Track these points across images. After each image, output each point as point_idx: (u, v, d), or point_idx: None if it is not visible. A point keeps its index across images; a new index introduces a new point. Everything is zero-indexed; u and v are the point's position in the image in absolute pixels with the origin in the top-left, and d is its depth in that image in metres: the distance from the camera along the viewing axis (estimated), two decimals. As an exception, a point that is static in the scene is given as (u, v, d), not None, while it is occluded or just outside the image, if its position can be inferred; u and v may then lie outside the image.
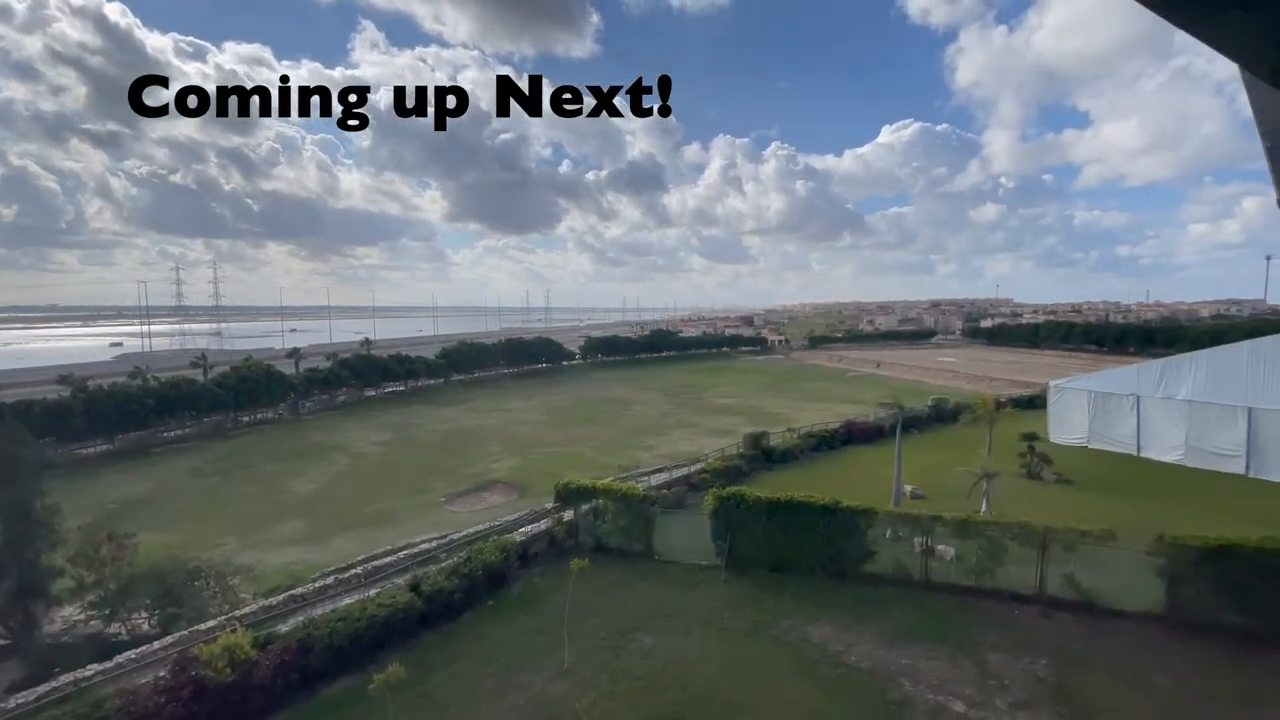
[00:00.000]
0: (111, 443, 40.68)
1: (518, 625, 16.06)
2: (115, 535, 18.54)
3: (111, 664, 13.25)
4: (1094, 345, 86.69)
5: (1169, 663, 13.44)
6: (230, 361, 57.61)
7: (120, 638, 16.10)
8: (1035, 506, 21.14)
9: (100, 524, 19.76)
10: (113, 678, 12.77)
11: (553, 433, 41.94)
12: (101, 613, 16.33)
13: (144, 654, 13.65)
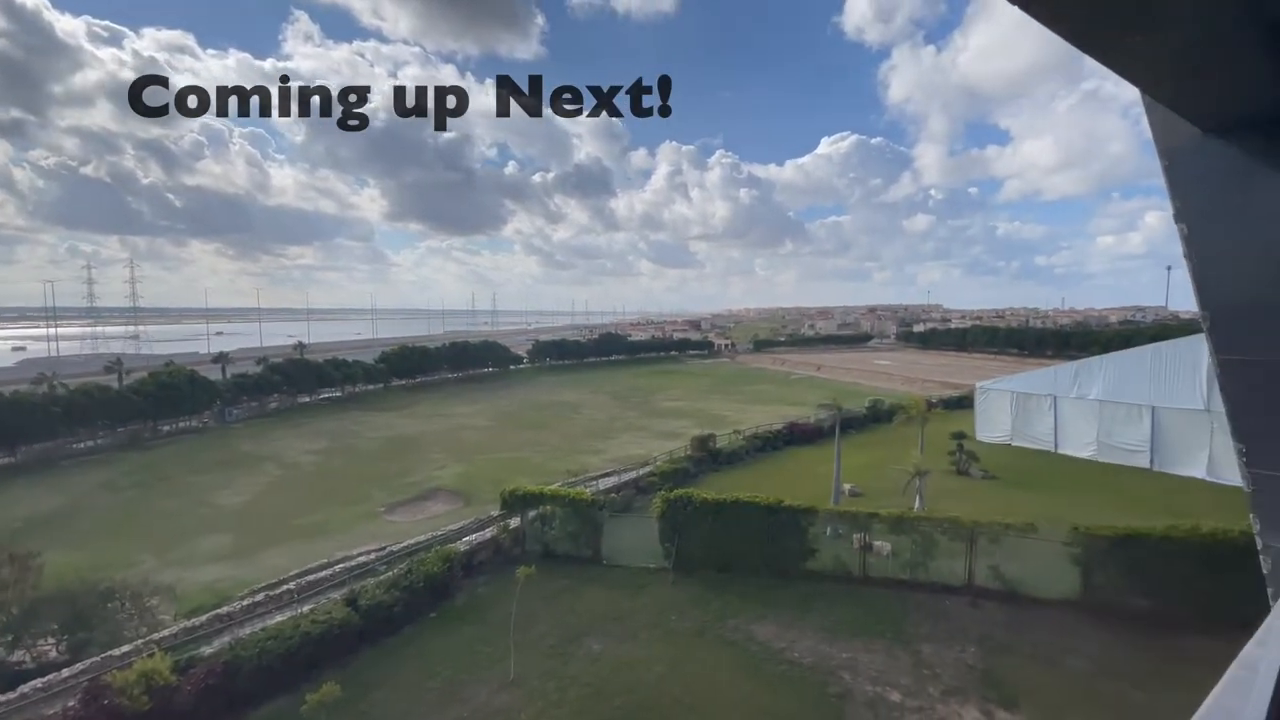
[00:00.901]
0: (13, 455, 37.31)
1: (462, 637, 15.68)
2: (17, 556, 17.01)
3: (15, 695, 12.15)
4: (1016, 349, 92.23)
5: (1084, 646, 14.41)
6: (149, 367, 53.86)
7: (25, 666, 14.77)
8: (964, 501, 22.29)
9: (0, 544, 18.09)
10: (16, 709, 11.70)
11: (499, 438, 41.22)
12: (3, 639, 14.93)
13: (51, 683, 12.58)
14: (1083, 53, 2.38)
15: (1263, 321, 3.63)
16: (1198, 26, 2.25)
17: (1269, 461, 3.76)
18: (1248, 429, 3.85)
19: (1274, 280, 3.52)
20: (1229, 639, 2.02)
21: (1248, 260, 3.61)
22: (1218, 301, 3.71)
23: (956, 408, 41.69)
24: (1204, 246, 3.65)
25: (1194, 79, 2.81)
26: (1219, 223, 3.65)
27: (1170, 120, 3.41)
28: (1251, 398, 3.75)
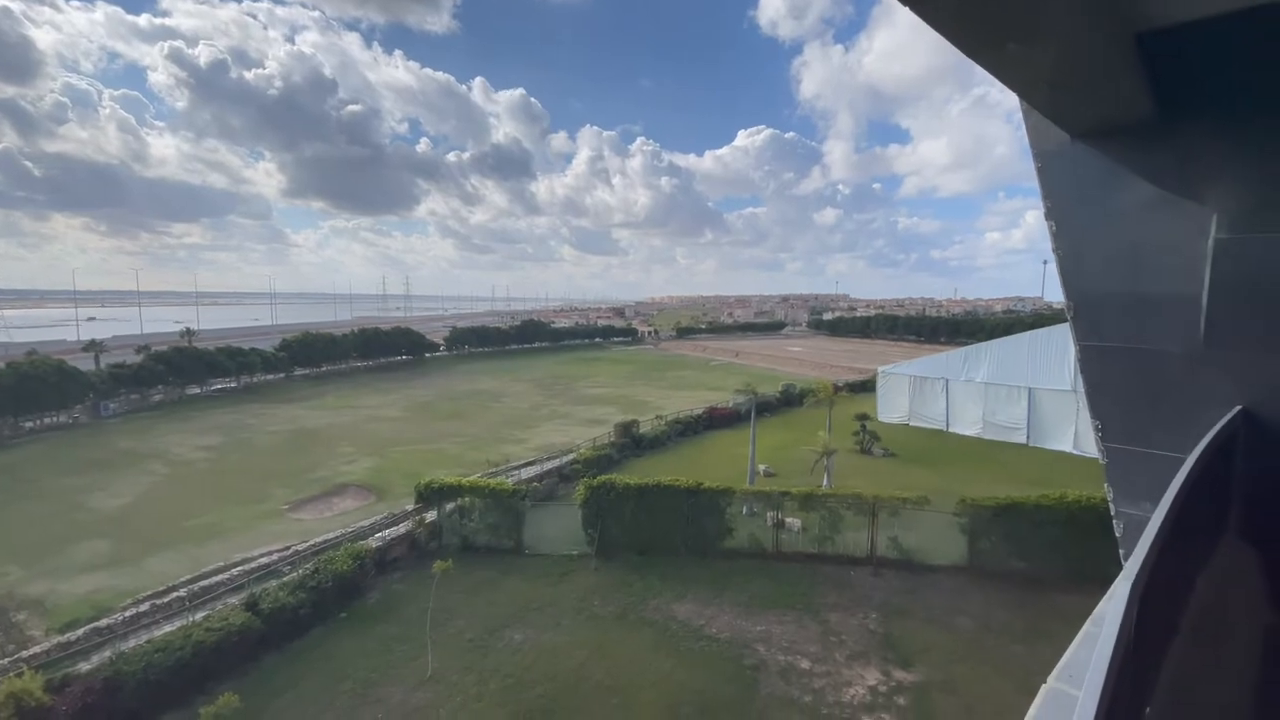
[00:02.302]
0: None
1: (375, 636, 15.09)
2: None
3: None
4: (915, 335, 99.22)
5: (971, 607, 15.87)
6: (7, 356, 47.42)
7: None
8: (867, 478, 23.83)
9: None
10: None
11: (414, 429, 39.63)
12: None
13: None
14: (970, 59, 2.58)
15: (1118, 312, 4.11)
16: (1069, 39, 2.49)
17: (1120, 437, 4.27)
18: (1103, 408, 4.35)
19: (1129, 275, 3.98)
20: (1089, 594, 2.30)
21: (1107, 256, 4.06)
22: (1080, 292, 4.16)
23: (861, 391, 44.39)
24: (1070, 242, 4.07)
25: (1065, 88, 3.11)
26: (1083, 221, 4.08)
27: (1043, 126, 3.77)
28: (1106, 380, 4.24)
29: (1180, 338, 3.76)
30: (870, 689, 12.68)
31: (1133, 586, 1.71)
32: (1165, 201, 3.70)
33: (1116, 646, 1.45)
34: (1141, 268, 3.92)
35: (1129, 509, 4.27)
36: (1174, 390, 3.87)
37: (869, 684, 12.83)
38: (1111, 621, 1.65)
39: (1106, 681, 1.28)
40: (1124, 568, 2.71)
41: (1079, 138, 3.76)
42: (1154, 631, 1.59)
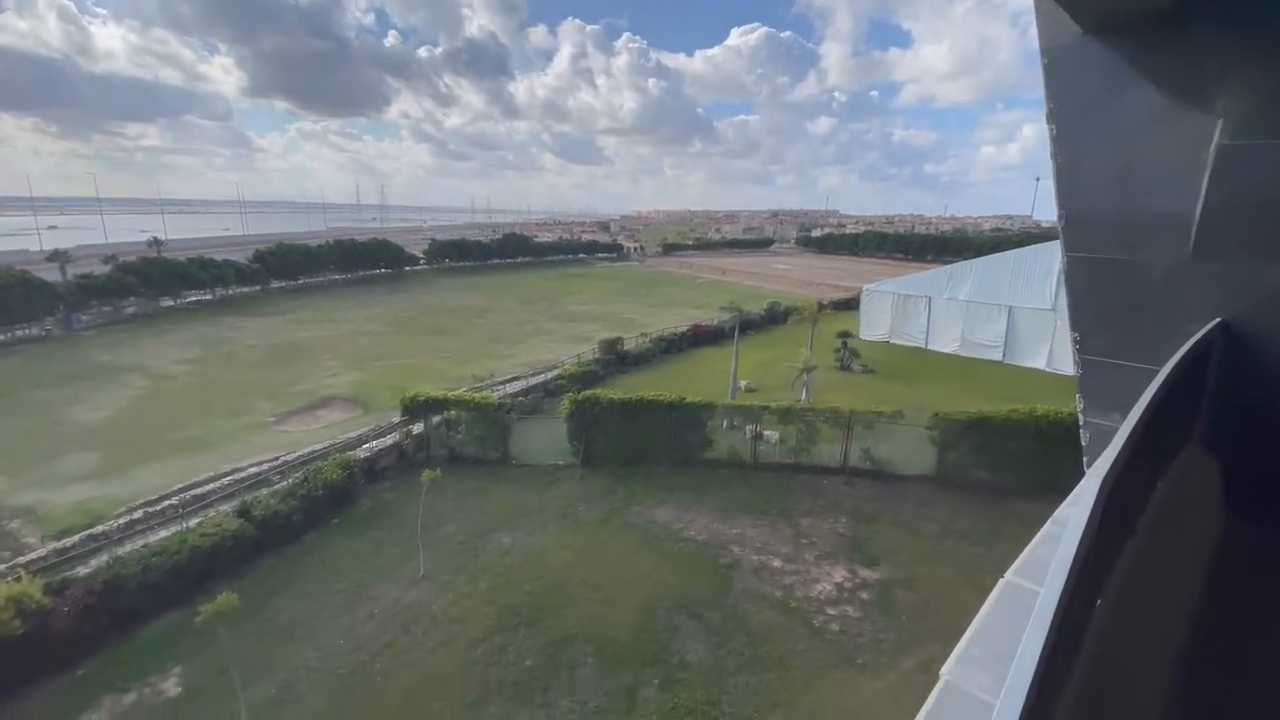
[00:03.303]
0: None
1: (368, 540, 15.67)
2: None
3: None
4: (902, 253, 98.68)
5: (936, 513, 16.79)
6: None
7: None
8: (845, 393, 24.40)
9: None
10: None
11: (397, 344, 39.40)
12: None
13: (-115, 621, 11.31)
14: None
15: (1110, 222, 4.02)
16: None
17: (1096, 349, 4.31)
18: (1083, 320, 4.37)
19: (1125, 184, 3.87)
20: (1050, 503, 2.36)
21: (1105, 163, 3.93)
22: (1075, 201, 4.05)
23: (845, 309, 44.63)
24: (1069, 148, 3.91)
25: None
26: (1086, 125, 3.91)
27: (1056, 16, 3.51)
28: (1090, 292, 4.22)
29: (1168, 250, 3.71)
30: (837, 585, 13.58)
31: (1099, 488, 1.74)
32: (1170, 106, 3.54)
33: (1081, 544, 1.48)
34: (1138, 177, 3.81)
35: (1098, 419, 4.39)
36: (1156, 303, 3.87)
37: (836, 581, 13.74)
38: (1076, 520, 1.69)
39: (1070, 574, 1.31)
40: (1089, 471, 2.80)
41: (1091, 32, 3.52)
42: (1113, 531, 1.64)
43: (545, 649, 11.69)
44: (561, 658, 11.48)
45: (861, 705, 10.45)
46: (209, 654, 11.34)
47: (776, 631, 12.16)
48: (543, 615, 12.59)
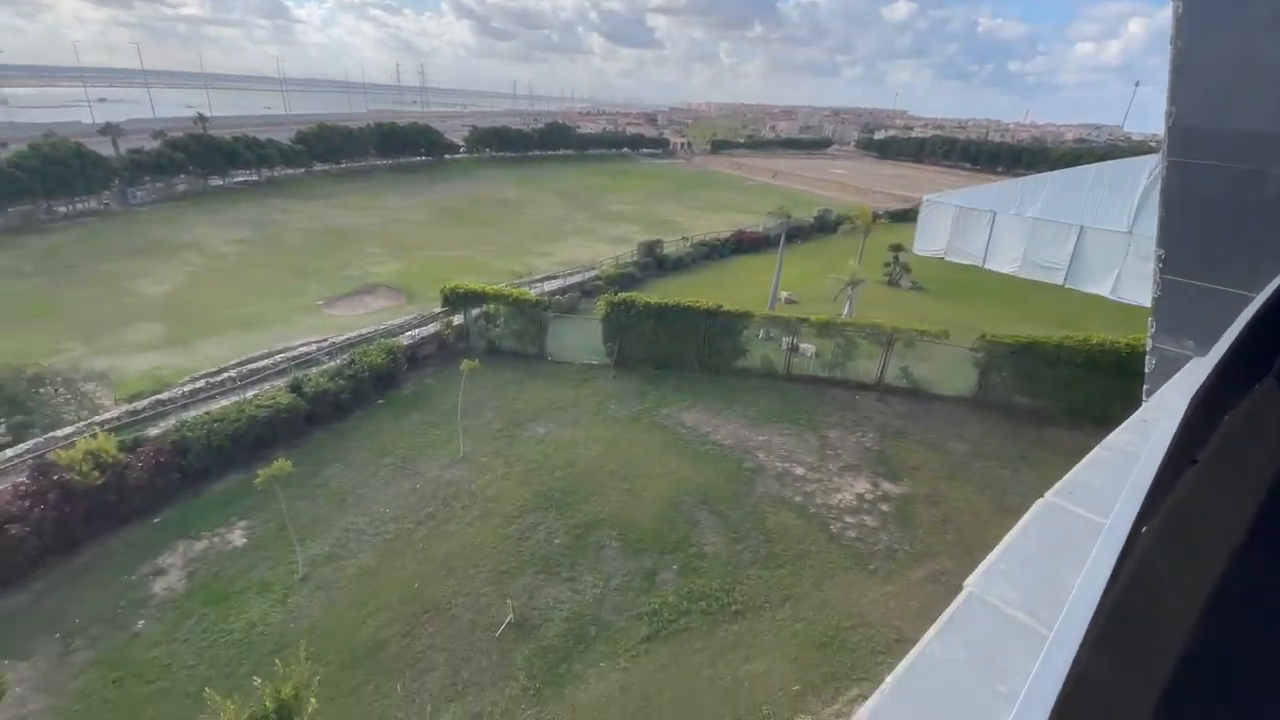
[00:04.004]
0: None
1: (411, 421, 16.52)
2: (-84, 342, 16.03)
3: (-45, 474, 12.29)
4: (970, 163, 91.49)
5: (967, 433, 16.65)
6: (25, 138, 46.49)
7: (-39, 449, 14.75)
8: (890, 310, 23.66)
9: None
10: (-42, 486, 11.91)
11: (439, 235, 39.46)
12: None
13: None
14: None
15: (1226, 127, 3.52)
16: None
17: (1183, 269, 3.92)
18: (1173, 236, 3.94)
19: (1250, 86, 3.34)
20: (1087, 432, 2.20)
21: (1231, 58, 3.37)
22: (1189, 96, 3.52)
23: (901, 220, 42.30)
24: (1194, 33, 3.35)
25: None
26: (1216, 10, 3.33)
27: None
28: (1188, 204, 3.78)
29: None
30: (858, 496, 13.86)
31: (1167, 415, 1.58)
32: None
33: (1142, 470, 1.36)
34: (1267, 77, 3.26)
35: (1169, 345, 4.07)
36: (1262, 218, 3.44)
37: (857, 491, 14.00)
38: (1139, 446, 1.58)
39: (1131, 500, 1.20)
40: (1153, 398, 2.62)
41: None
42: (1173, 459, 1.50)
43: (573, 530, 12.45)
44: (588, 539, 12.23)
45: (869, 605, 10.95)
46: (269, 512, 12.47)
47: (793, 533, 12.62)
48: (572, 500, 13.31)
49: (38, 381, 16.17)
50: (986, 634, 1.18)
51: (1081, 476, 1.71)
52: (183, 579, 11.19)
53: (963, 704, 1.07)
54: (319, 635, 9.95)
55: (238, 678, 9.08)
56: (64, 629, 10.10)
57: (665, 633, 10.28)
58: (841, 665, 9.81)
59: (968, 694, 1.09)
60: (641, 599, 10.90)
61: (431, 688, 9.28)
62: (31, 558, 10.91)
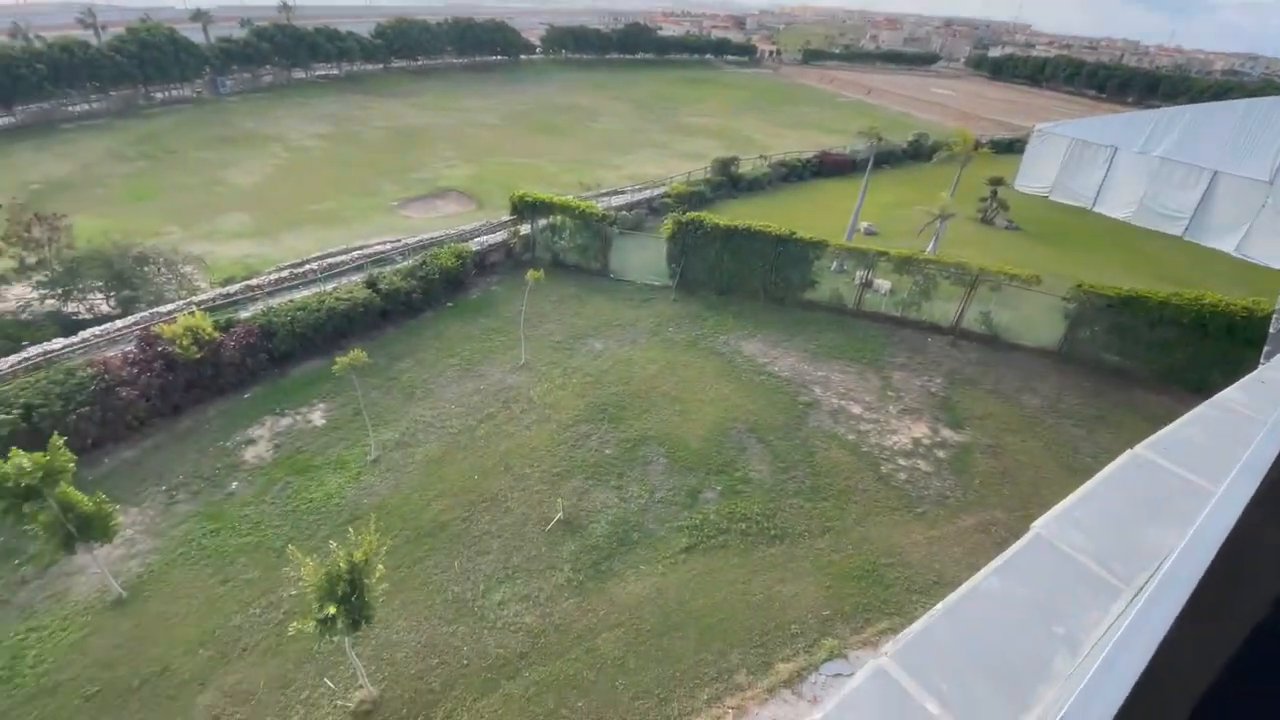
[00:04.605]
0: (11, 114, 35.90)
1: (477, 326, 17.08)
2: (44, 216, 17.55)
3: (77, 339, 13.73)
4: (1096, 90, 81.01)
5: (1043, 388, 15.74)
6: (123, 21, 48.04)
7: (81, 317, 16.41)
8: (979, 249, 22.04)
9: (25, 204, 18.50)
10: (80, 351, 13.35)
11: (511, 141, 39.02)
12: (53, 292, 16.31)
13: (108, 330, 14.11)
14: None
15: None
16: None
17: None
18: None
19: None
20: (1176, 398, 1.97)
21: None
22: None
23: (1006, 152, 38.43)
24: None
25: None
26: None
27: None
28: None
29: None
30: (914, 440, 13.54)
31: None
32: None
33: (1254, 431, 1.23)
34: None
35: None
36: None
37: (914, 435, 13.67)
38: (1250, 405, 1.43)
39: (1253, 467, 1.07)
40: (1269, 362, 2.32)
41: None
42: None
43: (623, 443, 12.84)
44: (637, 453, 12.61)
45: (910, 546, 10.95)
46: (345, 398, 13.43)
47: (842, 469, 12.57)
48: (625, 415, 13.64)
49: (142, 260, 17.53)
50: (1049, 576, 1.18)
51: (1183, 433, 1.57)
52: (270, 449, 12.37)
53: (1014, 637, 1.07)
54: (387, 511, 10.89)
55: (316, 540, 10.15)
56: (168, 483, 11.46)
57: (704, 547, 10.68)
58: (875, 598, 9.97)
59: (1021, 629, 1.08)
60: (683, 513, 11.28)
61: (485, 568, 10.10)
62: (140, 419, 12.27)
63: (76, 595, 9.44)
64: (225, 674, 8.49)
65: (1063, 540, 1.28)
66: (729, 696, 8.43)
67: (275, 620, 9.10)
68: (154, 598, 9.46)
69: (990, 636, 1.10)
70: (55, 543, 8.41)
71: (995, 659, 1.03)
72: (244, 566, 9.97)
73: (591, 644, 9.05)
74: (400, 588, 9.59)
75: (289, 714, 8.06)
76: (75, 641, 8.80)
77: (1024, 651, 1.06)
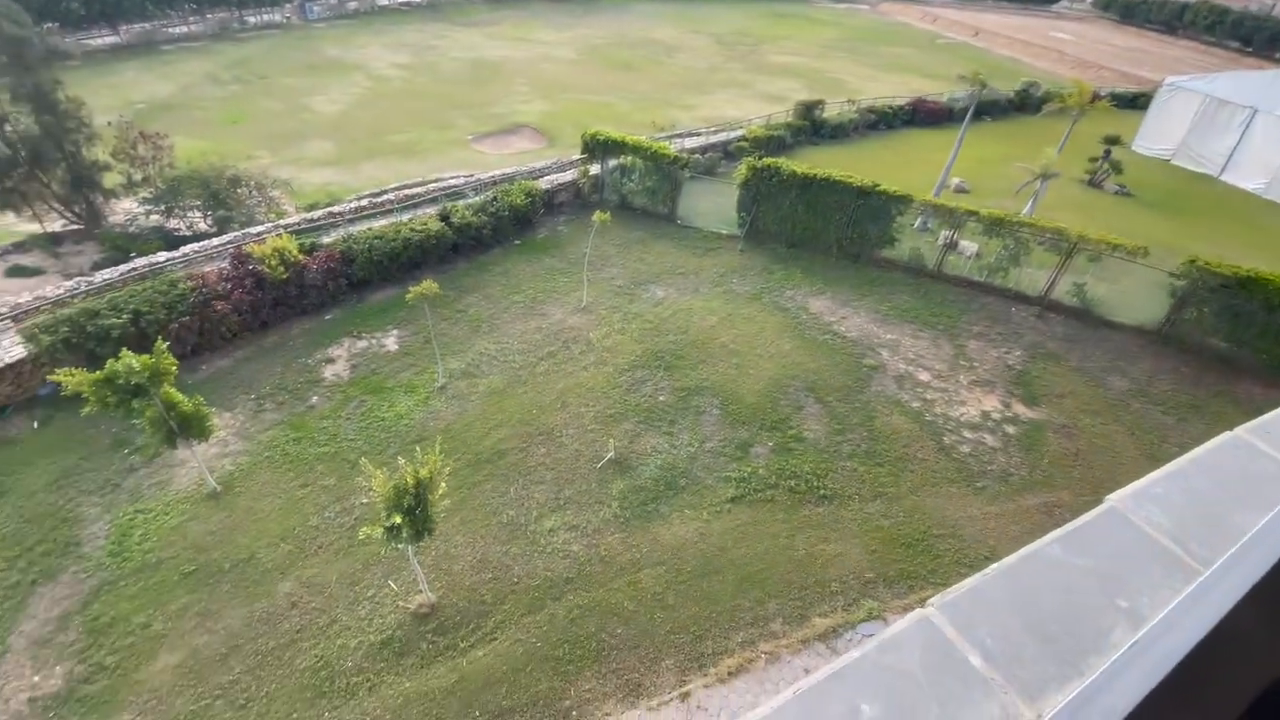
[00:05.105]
0: (116, 34, 37.91)
1: (542, 265, 17.27)
2: (148, 135, 18.68)
3: (179, 254, 14.79)
4: (1240, 42, 70.80)
5: (1134, 370, 14.59)
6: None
7: (180, 232, 17.63)
8: (1081, 214, 20.20)
9: (131, 123, 19.74)
10: (181, 265, 14.39)
11: (585, 76, 38.14)
12: (157, 208, 17.52)
13: (205, 247, 15.12)
14: None
15: None
16: None
17: None
18: None
19: None
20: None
21: None
22: None
23: (1128, 107, 34.51)
24: None
25: None
26: None
27: None
28: None
29: None
30: (983, 413, 12.95)
31: None
32: None
33: None
34: None
35: None
36: None
37: (983, 408, 13.06)
38: None
39: None
40: None
41: None
42: None
43: (678, 391, 12.90)
44: (690, 402, 12.66)
45: (965, 520, 10.65)
46: (416, 326, 14.02)
47: (901, 436, 12.22)
48: (681, 364, 13.65)
49: (235, 182, 18.50)
50: (1119, 549, 1.14)
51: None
52: (347, 369, 13.15)
53: (1072, 605, 1.04)
54: (451, 435, 11.48)
55: (386, 455, 10.85)
56: (256, 393, 12.42)
57: (750, 499, 10.75)
58: (921, 567, 9.84)
59: (1080, 597, 1.06)
60: (732, 465, 11.34)
61: (538, 497, 10.57)
62: (233, 331, 13.25)
63: (177, 485, 10.54)
64: (303, 567, 9.38)
65: (1138, 515, 1.22)
66: (763, 642, 8.64)
67: (347, 524, 9.91)
68: (243, 494, 10.45)
69: (1046, 601, 1.08)
70: (159, 437, 9.35)
71: (1049, 623, 1.01)
72: (321, 473, 10.82)
73: (634, 577, 9.42)
74: (459, 507, 10.19)
75: (357, 608, 8.87)
76: (175, 525, 9.89)
77: (1081, 620, 1.03)
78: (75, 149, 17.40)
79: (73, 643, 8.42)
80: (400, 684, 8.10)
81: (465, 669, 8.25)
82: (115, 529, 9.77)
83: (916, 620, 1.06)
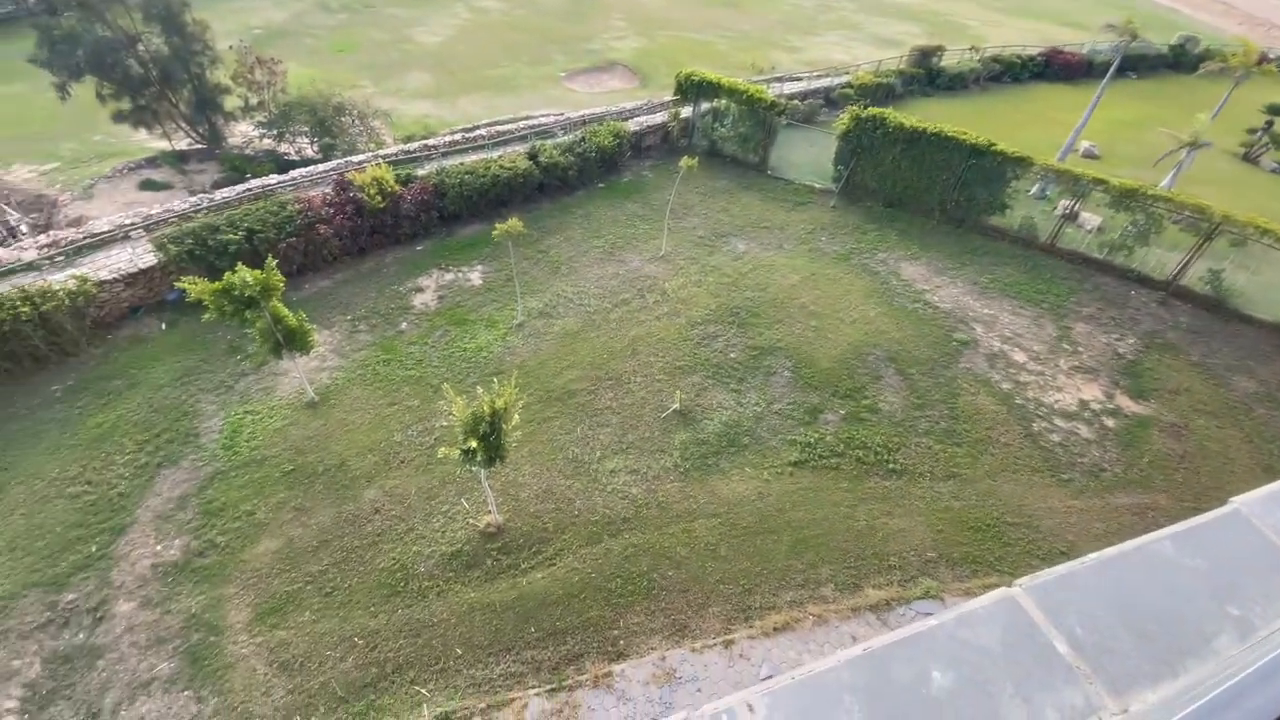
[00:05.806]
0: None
1: (624, 210, 17.15)
2: (265, 60, 19.67)
3: (288, 177, 15.71)
4: None
5: (1266, 371, 13.06)
6: None
7: (290, 157, 18.68)
8: (1228, 192, 17.84)
9: (250, 48, 20.81)
10: (290, 188, 15.29)
11: (686, 12, 36.52)
12: (270, 132, 18.59)
13: (311, 172, 15.96)
14: None
15: None
16: None
17: None
18: None
19: None
20: None
21: None
22: None
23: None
24: None
25: None
26: None
27: None
28: None
29: None
30: (1081, 402, 12.03)
31: None
32: None
33: None
34: None
35: None
36: None
37: (1083, 397, 12.13)
38: None
39: None
40: None
41: None
42: None
43: (750, 350, 12.72)
44: (762, 362, 12.47)
45: (1044, 512, 10.10)
46: (500, 263, 14.41)
47: (986, 417, 11.59)
48: (756, 322, 13.38)
49: (340, 110, 19.28)
50: (1238, 554, 1.08)
51: None
52: (435, 299, 13.78)
53: (1176, 605, 0.99)
54: (526, 371, 11.91)
55: (466, 384, 11.42)
56: (352, 314, 13.26)
57: (814, 465, 10.61)
58: (989, 553, 9.49)
59: (1186, 599, 1.01)
60: (799, 429, 11.17)
61: (603, 439, 10.88)
62: (333, 255, 14.08)
63: (280, 392, 11.56)
64: (386, 477, 10.18)
65: (1266, 521, 1.13)
66: (812, 604, 8.69)
67: (427, 444, 10.60)
68: (338, 406, 11.35)
69: (1148, 597, 1.03)
70: (267, 347, 10.22)
71: (1147, 620, 0.96)
72: (407, 395, 11.56)
73: (689, 525, 9.62)
74: (529, 439, 10.66)
75: (431, 520, 9.59)
76: (278, 428, 10.91)
77: (1183, 621, 0.98)
78: (200, 71, 18.61)
79: (190, 520, 9.61)
80: (465, 593, 8.77)
81: (525, 588, 8.82)
82: (227, 425, 10.91)
83: (1000, 598, 1.03)
